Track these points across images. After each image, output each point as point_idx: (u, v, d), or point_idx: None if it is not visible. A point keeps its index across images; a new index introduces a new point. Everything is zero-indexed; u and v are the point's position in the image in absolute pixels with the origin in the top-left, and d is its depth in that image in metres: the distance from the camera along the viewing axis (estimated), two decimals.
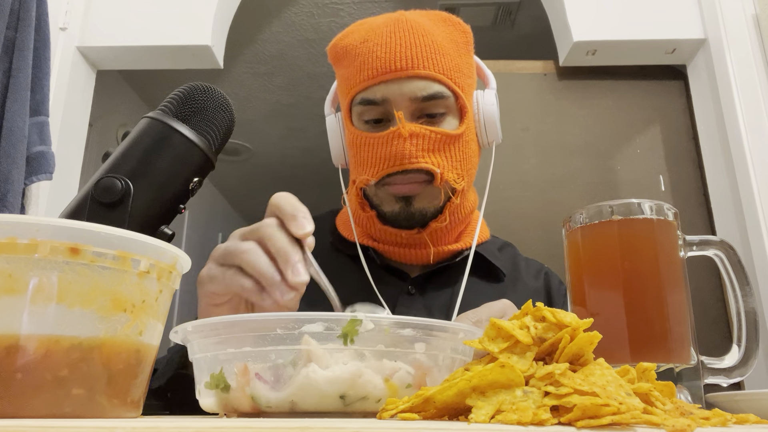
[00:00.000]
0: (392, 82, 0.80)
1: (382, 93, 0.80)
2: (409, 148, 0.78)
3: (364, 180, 0.82)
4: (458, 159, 0.82)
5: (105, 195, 0.48)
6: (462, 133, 0.82)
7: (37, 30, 1.45)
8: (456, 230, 0.87)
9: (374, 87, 0.81)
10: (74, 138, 1.74)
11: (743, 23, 1.68)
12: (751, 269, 1.52)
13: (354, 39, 0.85)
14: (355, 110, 0.84)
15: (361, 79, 0.81)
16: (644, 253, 0.51)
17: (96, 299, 0.31)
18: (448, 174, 0.80)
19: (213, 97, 0.55)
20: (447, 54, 0.82)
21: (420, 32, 0.82)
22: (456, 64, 0.83)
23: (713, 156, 1.73)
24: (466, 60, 0.86)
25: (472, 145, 0.85)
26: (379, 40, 0.81)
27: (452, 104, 0.82)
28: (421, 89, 0.79)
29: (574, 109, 1.90)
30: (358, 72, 0.82)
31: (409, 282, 0.86)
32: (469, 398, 0.30)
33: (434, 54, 0.81)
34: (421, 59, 0.80)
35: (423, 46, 0.80)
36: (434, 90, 0.80)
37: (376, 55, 0.80)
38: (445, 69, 0.81)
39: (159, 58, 1.82)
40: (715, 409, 0.34)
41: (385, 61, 0.79)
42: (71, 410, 0.30)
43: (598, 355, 0.34)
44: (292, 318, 0.36)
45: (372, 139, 0.80)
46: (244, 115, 3.18)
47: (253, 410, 0.37)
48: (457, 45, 0.85)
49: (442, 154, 0.80)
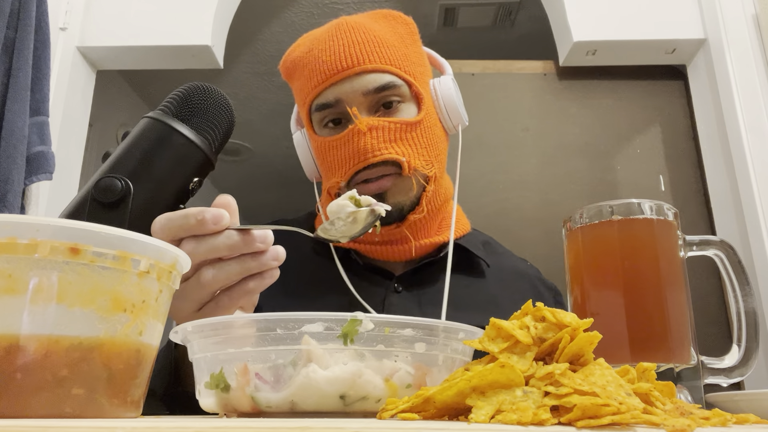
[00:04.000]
0: (342, 82, 0.80)
1: (334, 94, 0.81)
2: (370, 142, 0.78)
3: (334, 183, 0.82)
4: (423, 145, 0.82)
5: (105, 195, 0.49)
6: (421, 119, 0.82)
7: (37, 30, 1.45)
8: (435, 221, 0.87)
9: (326, 91, 0.81)
10: (74, 138, 1.74)
11: (743, 23, 1.68)
12: (751, 269, 1.52)
13: (300, 51, 0.86)
14: (314, 118, 0.85)
15: (312, 86, 0.82)
16: (644, 253, 0.51)
17: (96, 299, 0.31)
18: (415, 161, 0.80)
19: (213, 97, 0.55)
20: (392, 46, 0.83)
21: (361, 30, 0.83)
22: (403, 54, 0.84)
23: (713, 156, 1.73)
24: (413, 50, 0.87)
25: (436, 130, 0.85)
26: (322, 46, 0.83)
27: (406, 93, 0.83)
28: (371, 82, 0.80)
29: (574, 109, 1.90)
30: (308, 80, 0.83)
31: (395, 280, 0.85)
32: (469, 398, 0.30)
33: (378, 47, 0.82)
34: (365, 54, 0.80)
35: (366, 42, 0.81)
36: (385, 81, 0.81)
37: (321, 60, 0.81)
38: (392, 59, 0.82)
39: (159, 58, 1.82)
40: (715, 409, 0.34)
41: (331, 63, 0.80)
42: (71, 410, 0.30)
43: (598, 355, 0.34)
44: (292, 318, 0.36)
45: (334, 141, 0.81)
46: (244, 115, 3.18)
47: (253, 410, 0.37)
48: (401, 37, 0.86)
49: (405, 142, 0.80)
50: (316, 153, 0.86)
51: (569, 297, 0.55)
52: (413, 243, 0.84)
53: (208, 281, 0.51)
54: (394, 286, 0.85)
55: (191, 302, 0.53)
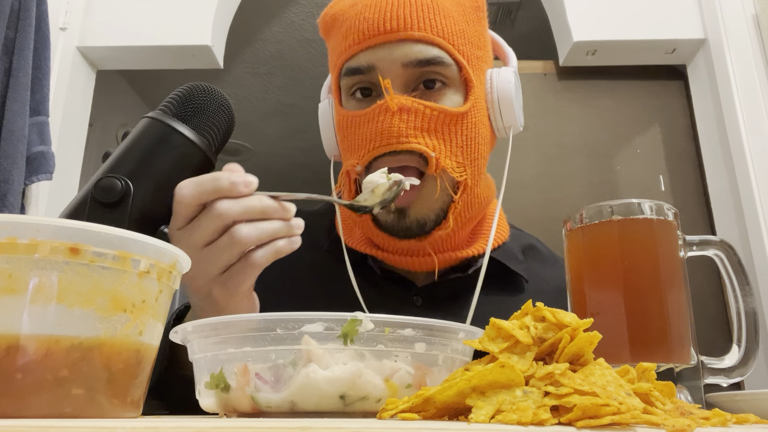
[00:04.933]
0: (381, 47, 0.68)
1: (369, 59, 0.69)
2: (398, 125, 0.66)
3: (350, 165, 0.70)
4: (459, 144, 0.69)
5: (105, 195, 0.48)
6: (466, 111, 0.69)
7: (37, 30, 1.45)
8: (465, 230, 0.75)
9: (361, 53, 0.69)
10: (74, 138, 1.74)
11: (743, 23, 1.68)
12: (751, 269, 1.52)
13: (343, 5, 0.74)
14: (343, 84, 0.73)
15: (347, 46, 0.70)
16: (644, 253, 0.51)
17: (96, 299, 0.31)
18: (446, 161, 0.68)
19: (213, 97, 0.55)
20: (449, 16, 0.70)
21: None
22: (461, 28, 0.70)
23: (713, 156, 1.73)
24: (475, 28, 0.73)
25: (481, 128, 0.72)
26: (369, 1, 0.70)
27: (455, 75, 0.70)
28: (415, 53, 0.68)
29: (574, 109, 1.90)
30: (344, 39, 0.71)
31: (414, 292, 0.75)
32: (469, 398, 0.30)
33: (433, 14, 0.68)
34: (416, 19, 0.68)
35: (420, 5, 0.68)
36: (431, 54, 0.68)
37: (363, 16, 0.69)
38: (446, 32, 0.69)
39: (159, 58, 1.83)
40: (715, 409, 0.34)
41: (373, 21, 0.68)
42: (71, 410, 0.30)
43: (598, 355, 0.34)
44: (292, 318, 0.36)
45: (358, 117, 0.69)
46: (244, 115, 3.18)
47: (253, 410, 0.37)
48: (463, 9, 0.72)
49: (439, 135, 0.68)
50: (338, 127, 0.74)
51: (569, 297, 0.55)
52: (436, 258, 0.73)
53: (242, 237, 0.51)
54: (412, 299, 0.75)
55: (217, 263, 0.52)
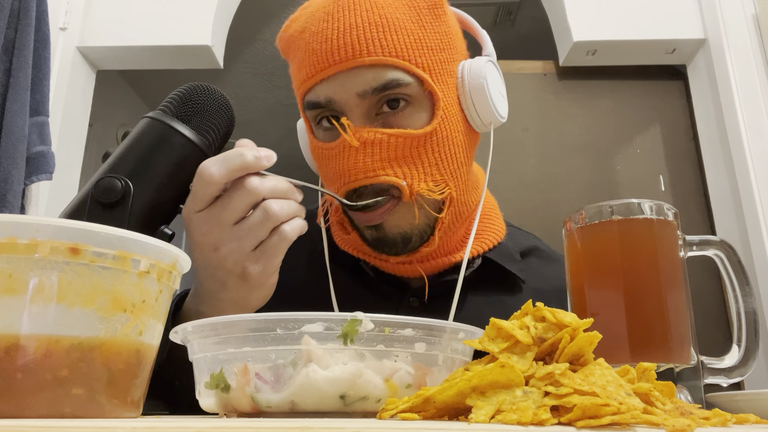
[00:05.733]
0: (335, 78, 0.64)
1: (325, 93, 0.66)
2: (363, 160, 0.64)
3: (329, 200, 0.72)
4: (433, 163, 0.66)
5: (105, 195, 0.49)
6: (433, 130, 0.66)
7: (37, 30, 1.45)
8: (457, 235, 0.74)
9: (317, 86, 0.66)
10: (74, 138, 1.74)
11: (743, 23, 1.68)
12: (751, 269, 1.52)
13: (295, 29, 0.70)
14: (308, 115, 0.70)
15: (302, 80, 0.67)
16: (644, 253, 0.51)
17: (96, 299, 0.31)
18: (420, 185, 0.65)
19: (213, 97, 0.55)
20: (401, 28, 0.65)
21: (363, 8, 0.65)
22: (417, 38, 0.66)
23: (713, 156, 1.73)
24: (433, 29, 0.68)
25: (456, 137, 0.68)
26: (314, 27, 0.66)
27: (417, 91, 0.66)
28: (368, 81, 0.64)
29: (574, 109, 1.90)
30: (299, 71, 0.68)
31: (410, 293, 0.75)
32: (469, 398, 0.30)
33: (383, 32, 0.64)
34: (364, 43, 0.63)
35: (367, 26, 0.64)
36: (386, 79, 0.64)
37: (312, 47, 0.65)
38: (399, 49, 0.64)
39: (159, 58, 1.83)
40: (715, 409, 0.34)
41: (321, 53, 0.64)
42: (71, 410, 0.30)
43: (598, 355, 0.34)
44: (292, 318, 0.36)
45: (327, 150, 0.67)
46: (244, 115, 3.18)
47: (253, 410, 0.37)
48: (418, 12, 0.67)
49: (408, 161, 0.65)
50: (312, 155, 0.73)
51: (569, 297, 0.55)
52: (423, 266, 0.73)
53: (276, 212, 0.53)
54: (408, 300, 0.75)
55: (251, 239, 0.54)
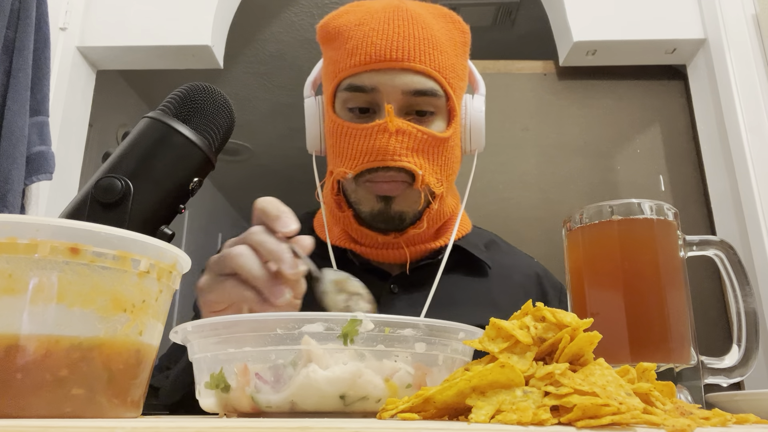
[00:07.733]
0: (385, 72, 0.76)
1: (373, 81, 0.76)
2: (394, 145, 0.74)
3: (341, 173, 0.78)
4: (440, 163, 0.79)
5: (105, 195, 0.48)
6: (449, 136, 0.79)
7: (37, 30, 1.45)
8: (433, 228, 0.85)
9: (365, 74, 0.76)
10: (74, 138, 1.74)
11: (743, 23, 1.68)
12: (751, 269, 1.52)
13: (348, 20, 0.80)
14: (340, 96, 0.80)
15: (352, 64, 0.77)
16: (644, 253, 0.51)
17: (96, 299, 0.31)
18: (429, 177, 0.77)
19: (213, 97, 0.55)
20: (444, 51, 0.79)
21: (420, 24, 0.78)
22: (452, 63, 0.80)
23: (713, 156, 1.73)
24: (461, 61, 0.83)
25: (456, 150, 0.83)
26: (375, 25, 0.77)
27: (442, 105, 0.79)
28: (414, 83, 0.76)
29: (574, 109, 1.90)
30: (350, 56, 0.77)
31: (390, 281, 0.83)
32: (469, 398, 0.30)
33: (432, 49, 0.77)
34: (418, 52, 0.76)
35: (422, 39, 0.76)
36: (428, 86, 0.76)
37: (371, 40, 0.76)
38: (441, 67, 0.77)
39: (159, 58, 1.82)
40: (715, 409, 0.34)
41: (381, 48, 0.75)
42: (71, 410, 0.30)
43: (598, 355, 0.34)
44: (292, 318, 0.36)
45: (354, 129, 0.76)
46: (244, 115, 3.17)
47: (253, 410, 0.37)
48: (454, 44, 0.82)
49: (425, 155, 0.77)
50: (329, 131, 0.81)
51: (569, 297, 0.55)
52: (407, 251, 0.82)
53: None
54: (389, 287, 0.83)
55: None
